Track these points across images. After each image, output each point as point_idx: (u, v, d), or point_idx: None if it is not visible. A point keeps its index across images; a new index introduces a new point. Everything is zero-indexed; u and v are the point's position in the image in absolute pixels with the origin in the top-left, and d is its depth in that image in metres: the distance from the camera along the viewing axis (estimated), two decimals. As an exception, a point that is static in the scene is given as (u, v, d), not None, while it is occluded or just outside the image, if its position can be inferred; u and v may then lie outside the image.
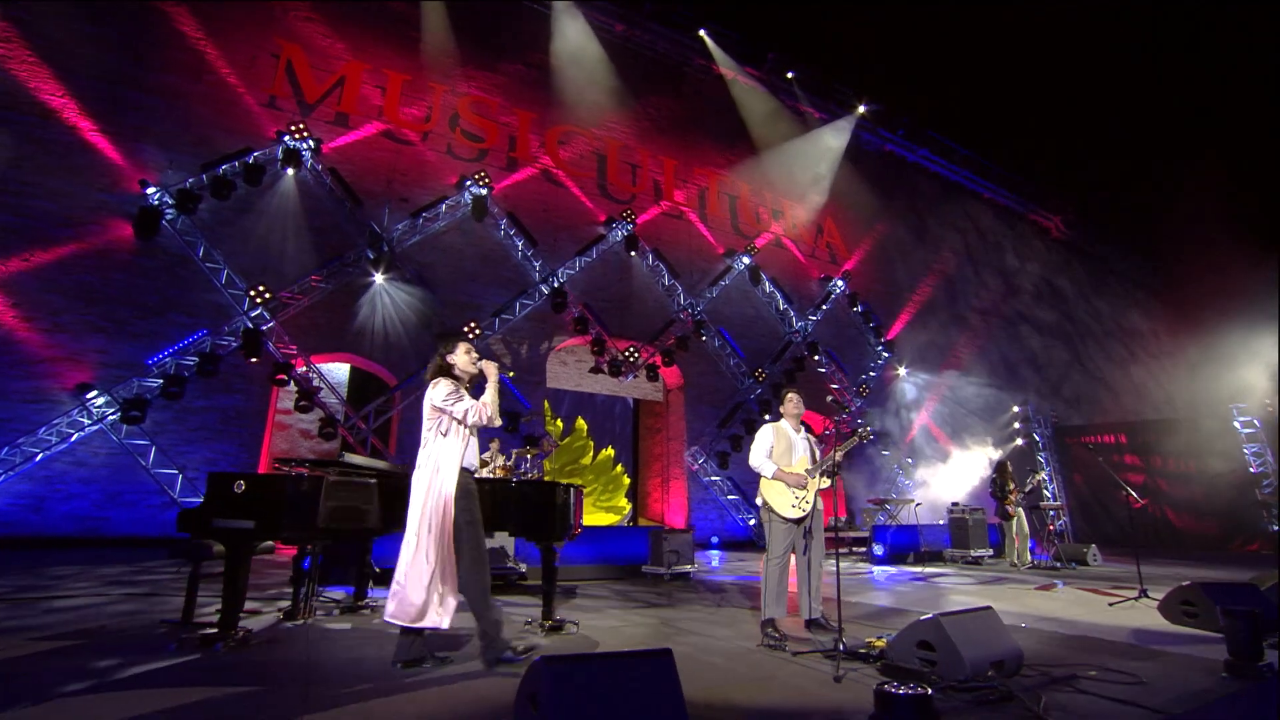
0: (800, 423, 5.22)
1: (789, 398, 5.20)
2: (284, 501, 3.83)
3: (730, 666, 3.70)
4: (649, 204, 18.17)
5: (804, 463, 4.96)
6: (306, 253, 13.18)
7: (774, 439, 5.06)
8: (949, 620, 3.19)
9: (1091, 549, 11.20)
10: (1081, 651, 4.13)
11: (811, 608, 4.86)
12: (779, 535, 4.82)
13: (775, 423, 5.21)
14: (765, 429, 5.14)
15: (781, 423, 5.20)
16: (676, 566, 8.52)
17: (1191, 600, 5.06)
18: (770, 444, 5.02)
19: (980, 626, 3.32)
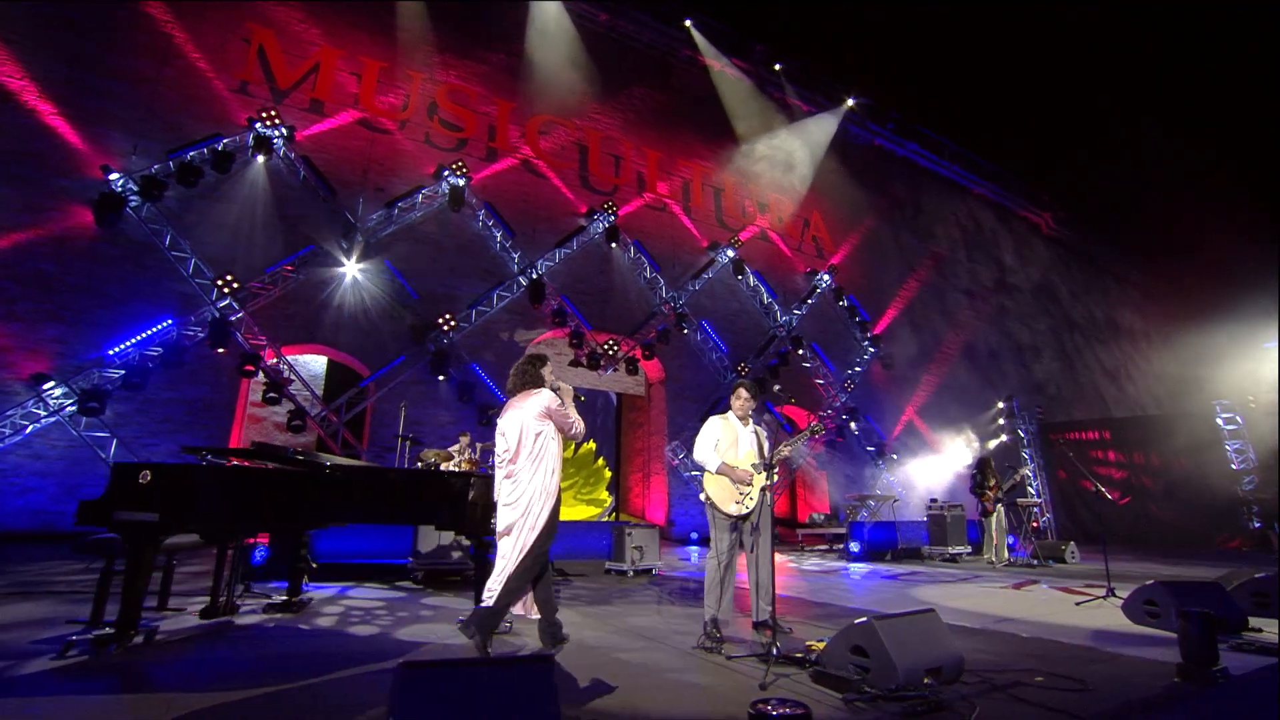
0: (749, 416, 5.01)
1: (738, 392, 4.99)
2: (192, 493, 3.62)
3: (654, 671, 3.51)
4: (632, 196, 17.95)
5: (750, 457, 4.76)
6: (278, 242, 12.93)
7: (719, 432, 4.86)
8: (884, 624, 3.00)
9: (1070, 546, 11.05)
10: (1035, 655, 3.95)
11: (760, 608, 4.67)
12: (722, 532, 4.63)
13: (722, 415, 5.01)
14: (711, 421, 4.95)
15: (729, 415, 5.00)
16: (641, 563, 8.34)
17: (1154, 600, 4.89)
18: (715, 438, 4.82)
19: (918, 631, 3.13)
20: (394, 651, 3.86)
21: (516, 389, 4.39)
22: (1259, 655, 4.04)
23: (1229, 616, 4.79)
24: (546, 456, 4.15)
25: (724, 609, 4.50)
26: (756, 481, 4.65)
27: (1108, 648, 4.18)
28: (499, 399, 14.32)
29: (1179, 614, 3.45)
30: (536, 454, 4.12)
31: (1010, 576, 8.74)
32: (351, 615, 5.01)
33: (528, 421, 4.18)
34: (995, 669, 3.46)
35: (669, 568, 9.76)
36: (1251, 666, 3.73)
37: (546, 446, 4.17)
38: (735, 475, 4.61)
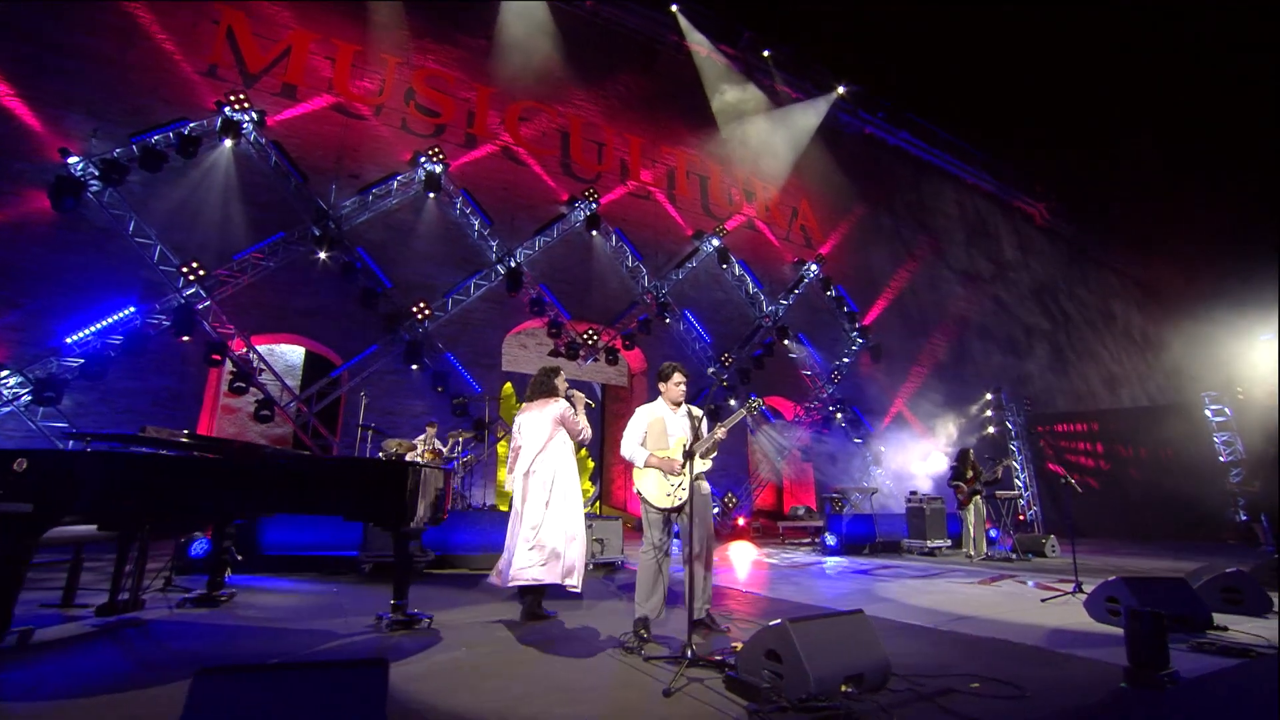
0: (683, 403, 4.77)
1: (674, 378, 4.73)
2: (72, 482, 3.38)
3: (555, 674, 3.28)
4: (615, 184, 17.68)
5: (681, 446, 4.51)
6: (248, 229, 12.66)
7: (647, 424, 4.61)
8: (799, 627, 2.77)
9: (1050, 540, 10.84)
10: (980, 657, 3.73)
11: (696, 605, 4.43)
12: (654, 526, 4.39)
13: (651, 404, 4.77)
14: (639, 412, 4.70)
15: (659, 403, 4.75)
16: (602, 556, 8.10)
17: (1116, 597, 4.66)
18: (643, 430, 4.58)
19: (840, 634, 2.89)
20: (287, 651, 3.63)
21: (534, 396, 5.04)
22: (1219, 656, 3.82)
23: (1192, 614, 4.58)
24: (560, 457, 4.84)
25: (655, 607, 4.28)
26: (689, 471, 4.41)
27: (1061, 649, 3.95)
28: (473, 388, 14.11)
29: (1128, 613, 3.22)
30: (551, 455, 4.80)
31: (985, 571, 8.53)
32: (272, 610, 4.79)
33: (543, 427, 4.85)
34: (931, 674, 3.23)
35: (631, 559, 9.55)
36: (1207, 669, 3.50)
37: (560, 449, 4.86)
38: (665, 466, 4.37)
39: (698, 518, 4.42)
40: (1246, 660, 3.71)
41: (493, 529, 8.45)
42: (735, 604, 5.81)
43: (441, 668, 3.39)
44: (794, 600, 5.88)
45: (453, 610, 5.04)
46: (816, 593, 6.41)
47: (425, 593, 5.88)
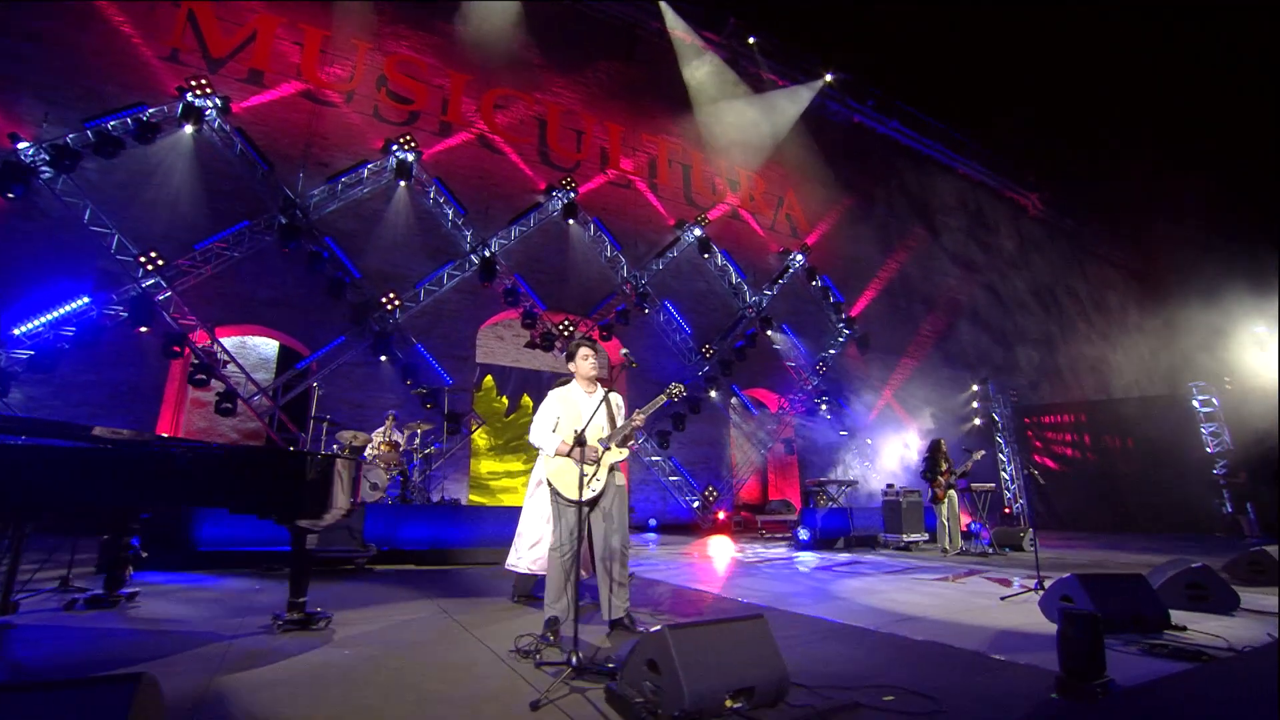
0: (597, 384, 4.48)
1: (581, 352, 4.43)
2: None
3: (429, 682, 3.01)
4: (594, 172, 17.37)
5: (597, 433, 4.22)
6: (212, 219, 12.37)
7: (559, 408, 4.32)
8: (679, 634, 2.49)
9: (1029, 533, 10.57)
10: (911, 663, 3.46)
11: (613, 605, 4.16)
12: (566, 520, 4.11)
13: (564, 387, 4.47)
14: (551, 395, 4.41)
15: (571, 386, 4.46)
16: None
17: (1070, 596, 4.39)
18: (554, 415, 4.28)
19: (731, 642, 2.61)
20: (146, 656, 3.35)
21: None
22: (1169, 660, 3.55)
23: (1148, 614, 4.31)
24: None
25: (565, 607, 4.01)
26: (605, 459, 4.13)
27: (1003, 653, 3.67)
28: (444, 380, 13.82)
29: (1061, 615, 2.95)
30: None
31: (955, 566, 8.27)
32: (168, 611, 4.49)
33: None
34: (845, 685, 2.95)
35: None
36: (1150, 675, 3.23)
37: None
38: (575, 455, 4.08)
39: (613, 511, 4.16)
40: (1197, 665, 3.43)
41: (445, 524, 8.20)
42: (676, 602, 5.54)
43: (305, 673, 3.13)
44: (737, 599, 5.60)
45: (368, 609, 4.78)
46: (767, 590, 6.13)
47: (352, 590, 5.63)
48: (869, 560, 9.02)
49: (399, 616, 4.52)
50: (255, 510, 3.95)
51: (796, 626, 4.41)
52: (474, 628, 4.20)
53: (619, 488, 4.26)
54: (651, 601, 5.55)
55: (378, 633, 4.02)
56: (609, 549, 4.14)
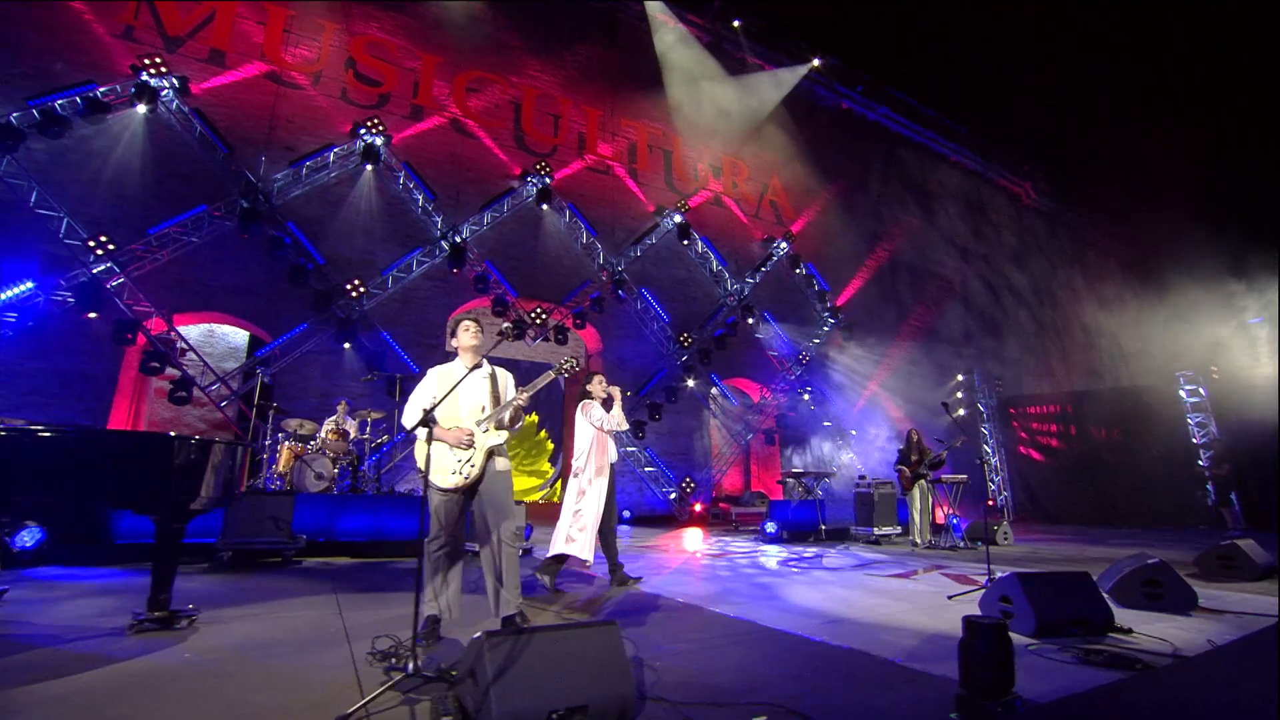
0: (482, 361, 4.15)
1: (463, 325, 4.10)
2: None
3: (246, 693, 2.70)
4: (572, 158, 16.99)
5: (477, 413, 3.90)
6: (171, 203, 12.02)
7: (435, 386, 3.99)
8: (500, 642, 2.17)
9: (1004, 527, 10.28)
10: (816, 673, 3.14)
11: (502, 602, 3.86)
12: (438, 509, 3.78)
13: (448, 364, 4.15)
14: (430, 372, 4.08)
15: (454, 363, 4.13)
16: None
17: (1009, 596, 4.07)
18: (430, 393, 3.95)
19: (566, 652, 2.28)
20: None
21: (579, 399, 6.03)
22: (1103, 669, 3.23)
23: (1092, 615, 3.99)
24: (595, 449, 5.83)
25: (446, 604, 3.70)
26: (481, 442, 3.80)
27: (922, 662, 3.36)
28: (412, 369, 13.49)
29: (964, 623, 2.63)
30: (588, 449, 5.82)
31: (919, 561, 7.95)
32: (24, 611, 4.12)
33: (579, 424, 5.91)
34: (719, 700, 2.64)
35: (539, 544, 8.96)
36: (1074, 688, 2.91)
37: (595, 442, 5.83)
38: (450, 437, 3.76)
39: (495, 498, 3.84)
40: (1130, 674, 3.12)
41: (387, 514, 7.92)
42: (596, 596, 5.22)
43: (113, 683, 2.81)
44: (672, 597, 5.28)
45: (257, 605, 4.51)
46: (706, 587, 5.83)
47: (259, 584, 5.33)
48: (833, 554, 8.71)
49: (286, 614, 4.21)
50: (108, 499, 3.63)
51: (711, 629, 4.10)
52: (357, 627, 3.90)
53: (500, 473, 3.93)
54: (560, 590, 5.27)
55: (244, 632, 3.72)
56: (493, 540, 3.82)
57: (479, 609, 3.90)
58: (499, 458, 3.96)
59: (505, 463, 4.00)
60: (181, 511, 3.78)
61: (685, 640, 3.76)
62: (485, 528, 3.84)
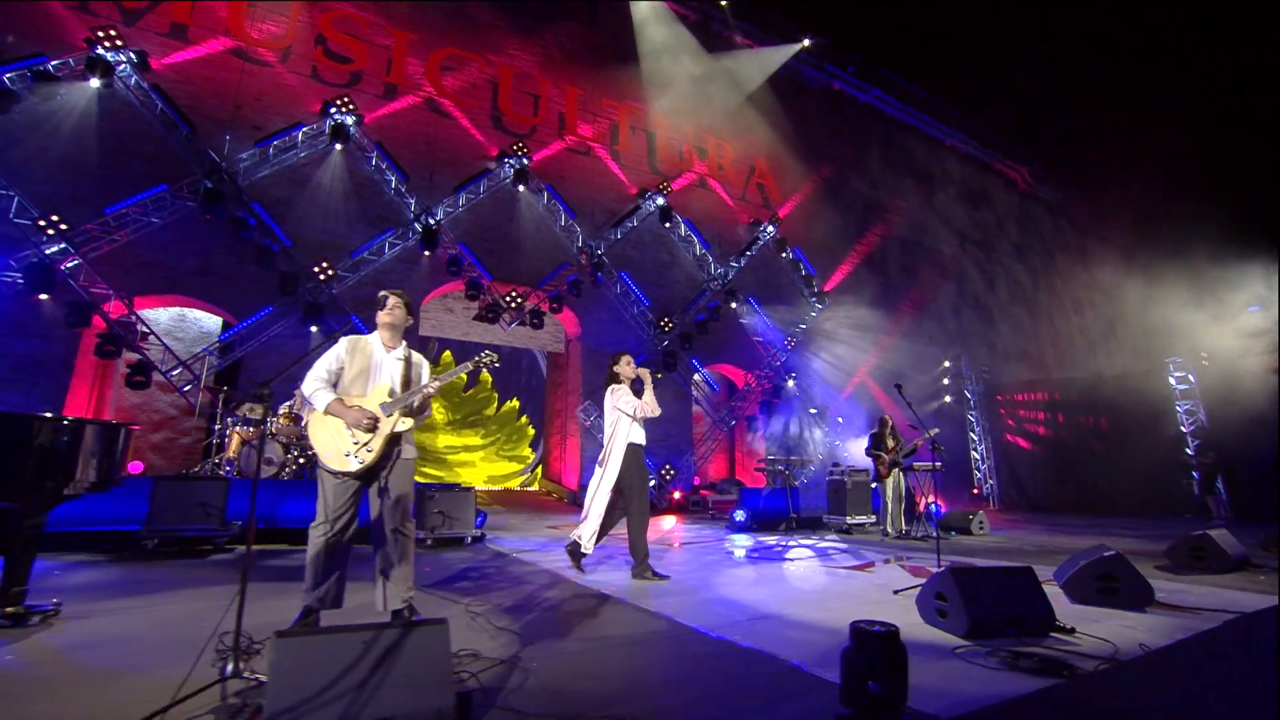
0: (401, 341, 3.87)
1: (387, 301, 3.82)
2: None
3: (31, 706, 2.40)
4: (552, 139, 16.60)
5: (382, 396, 3.61)
6: (129, 182, 11.69)
7: (345, 359, 3.69)
8: (291, 644, 1.88)
9: (979, 517, 10.00)
10: (698, 682, 2.85)
11: (388, 595, 3.59)
12: (330, 494, 3.49)
13: (365, 336, 3.86)
14: (340, 341, 3.77)
15: (371, 337, 3.84)
16: (444, 530, 7.24)
17: (944, 593, 3.78)
18: (337, 366, 3.67)
19: (375, 658, 1.99)
20: None
21: (606, 384, 5.87)
22: (1029, 676, 2.93)
23: (1030, 614, 3.70)
24: (617, 434, 5.64)
25: (329, 595, 3.43)
26: (384, 426, 3.51)
27: (825, 670, 3.03)
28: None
29: (851, 631, 2.33)
30: (611, 433, 5.67)
31: (885, 552, 7.67)
32: None
33: (607, 410, 5.73)
34: (575, 713, 2.35)
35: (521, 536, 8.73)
36: (990, 698, 2.63)
37: (617, 427, 5.66)
38: (349, 417, 3.47)
39: (391, 487, 3.56)
40: (1055, 682, 2.82)
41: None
42: (514, 587, 4.94)
43: None
44: (597, 589, 4.99)
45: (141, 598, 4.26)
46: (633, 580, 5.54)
47: (167, 573, 5.07)
48: (798, 544, 8.44)
49: (165, 606, 3.96)
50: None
51: (619, 626, 3.83)
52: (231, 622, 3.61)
53: (404, 461, 3.65)
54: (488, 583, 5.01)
55: (96, 630, 3.45)
56: (386, 530, 3.56)
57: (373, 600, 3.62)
58: (405, 445, 3.68)
59: (411, 450, 3.73)
60: (45, 498, 3.50)
61: (583, 639, 3.48)
62: (379, 516, 3.58)
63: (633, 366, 5.80)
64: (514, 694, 2.52)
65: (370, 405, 3.55)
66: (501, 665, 2.94)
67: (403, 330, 3.90)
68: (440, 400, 19.18)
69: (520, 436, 19.55)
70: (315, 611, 3.44)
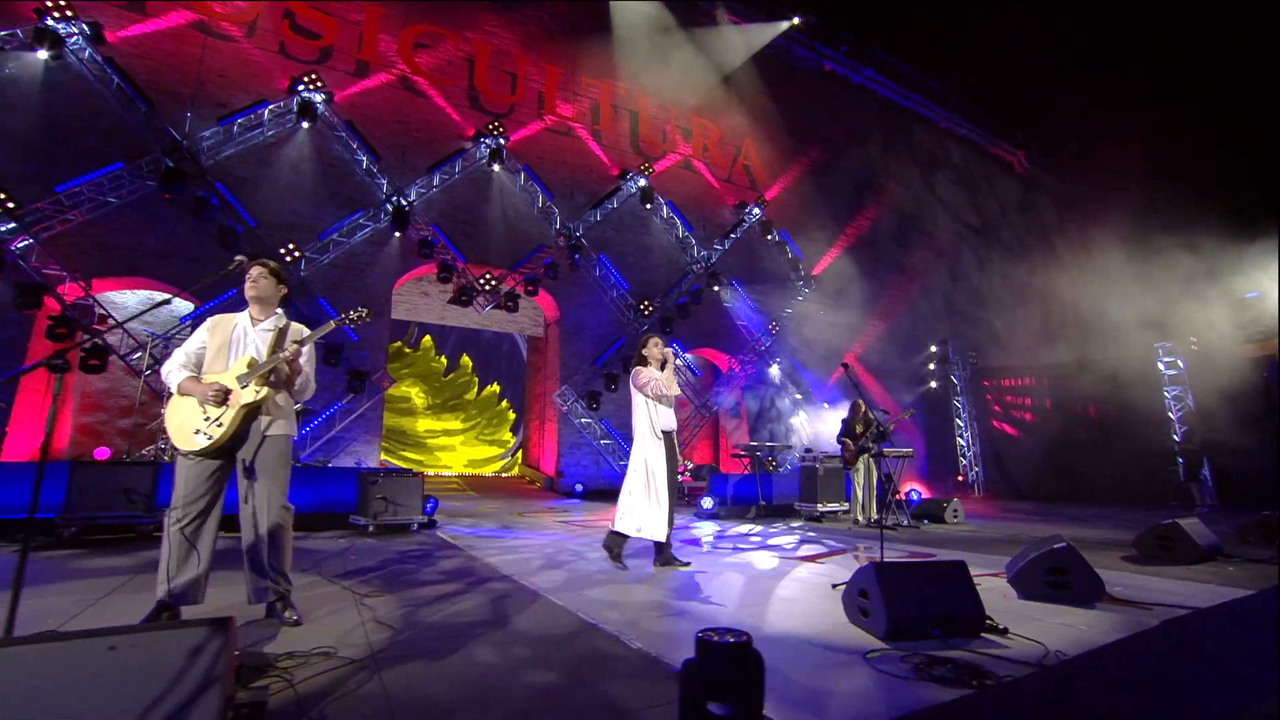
0: (274, 312, 3.59)
1: (250, 272, 3.53)
2: None
3: None
4: (530, 118, 16.22)
5: (242, 367, 3.33)
6: (85, 160, 11.34)
7: (206, 336, 3.42)
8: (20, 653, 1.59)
9: (953, 505, 9.72)
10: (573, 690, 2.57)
11: (259, 587, 3.32)
12: (182, 479, 3.21)
13: (226, 314, 3.58)
14: (205, 321, 3.51)
15: (241, 313, 3.56)
16: (388, 516, 6.97)
17: (867, 590, 3.49)
18: (199, 344, 3.40)
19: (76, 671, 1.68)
20: None
21: (633, 365, 5.63)
22: (941, 686, 2.64)
23: (961, 613, 3.41)
24: (639, 418, 5.41)
25: (186, 588, 3.15)
26: (237, 400, 3.23)
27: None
28: (352, 337, 12.98)
29: (696, 641, 2.03)
30: (635, 416, 5.47)
31: (849, 541, 7.38)
32: None
33: (632, 389, 5.50)
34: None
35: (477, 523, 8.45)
36: (885, 713, 2.33)
37: (638, 408, 5.44)
38: (197, 391, 3.20)
39: (256, 467, 3.28)
40: (961, 694, 2.53)
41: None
42: (410, 576, 4.65)
43: None
44: (521, 580, 4.70)
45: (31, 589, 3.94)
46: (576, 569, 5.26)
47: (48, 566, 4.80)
48: (760, 532, 8.17)
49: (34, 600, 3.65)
50: None
51: (508, 623, 3.53)
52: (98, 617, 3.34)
53: (271, 437, 3.36)
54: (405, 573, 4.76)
55: None
56: (253, 515, 3.29)
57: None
58: (275, 420, 3.39)
59: (282, 426, 3.43)
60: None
61: (463, 637, 3.20)
62: (245, 500, 3.30)
63: (661, 348, 5.56)
64: (336, 702, 2.24)
65: (227, 379, 3.27)
66: (350, 666, 2.67)
67: (275, 301, 3.61)
68: (420, 385, 18.92)
69: (501, 421, 19.30)
70: (170, 607, 3.16)
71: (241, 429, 3.27)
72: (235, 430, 3.23)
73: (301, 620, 3.34)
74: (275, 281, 3.58)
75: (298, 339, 3.50)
